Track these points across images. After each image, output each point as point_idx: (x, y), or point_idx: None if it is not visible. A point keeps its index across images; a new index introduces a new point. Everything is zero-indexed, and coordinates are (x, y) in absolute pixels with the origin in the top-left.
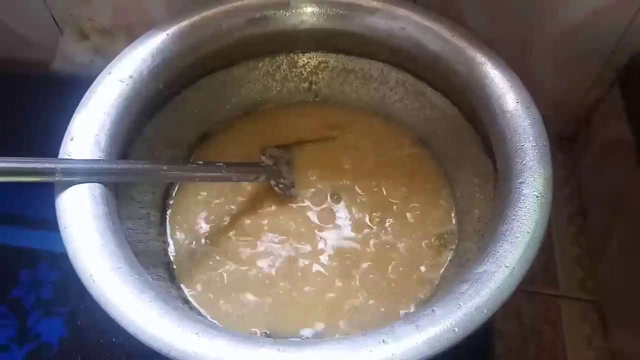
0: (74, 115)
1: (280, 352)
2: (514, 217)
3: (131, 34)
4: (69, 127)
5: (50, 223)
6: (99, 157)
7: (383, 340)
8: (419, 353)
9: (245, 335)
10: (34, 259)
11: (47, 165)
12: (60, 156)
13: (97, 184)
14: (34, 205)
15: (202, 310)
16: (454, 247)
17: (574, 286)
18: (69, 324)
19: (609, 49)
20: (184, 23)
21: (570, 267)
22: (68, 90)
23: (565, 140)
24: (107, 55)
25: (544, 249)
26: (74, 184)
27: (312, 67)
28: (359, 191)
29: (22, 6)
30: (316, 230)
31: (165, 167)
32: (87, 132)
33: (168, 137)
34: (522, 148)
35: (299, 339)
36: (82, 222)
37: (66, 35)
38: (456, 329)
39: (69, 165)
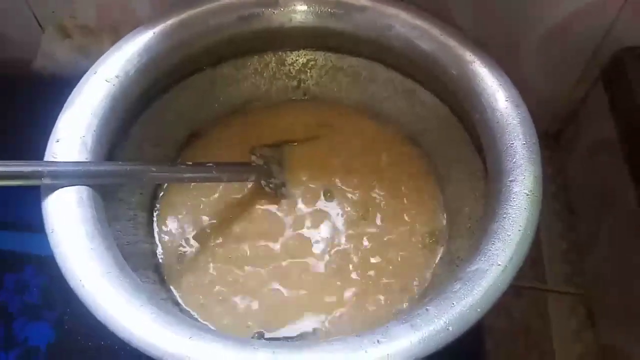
0: (60, 116)
1: (275, 354)
2: (505, 216)
3: (115, 33)
4: (54, 128)
5: (35, 226)
6: (86, 158)
7: (378, 341)
8: (413, 352)
9: (239, 339)
10: (19, 262)
11: (34, 168)
12: (46, 158)
13: (85, 186)
14: (17, 208)
15: (192, 312)
16: (445, 244)
17: (561, 281)
18: (56, 328)
19: (593, 47)
20: (170, 21)
21: (558, 262)
22: (49, 90)
23: (552, 138)
24: (90, 54)
25: (532, 244)
26: (61, 187)
27: (300, 65)
28: (350, 190)
29: (2, 3)
30: (307, 230)
31: (154, 168)
32: (73, 133)
33: (156, 137)
34: (512, 146)
35: (293, 341)
36: (69, 225)
37: (48, 34)
38: (450, 328)
39: (56, 168)
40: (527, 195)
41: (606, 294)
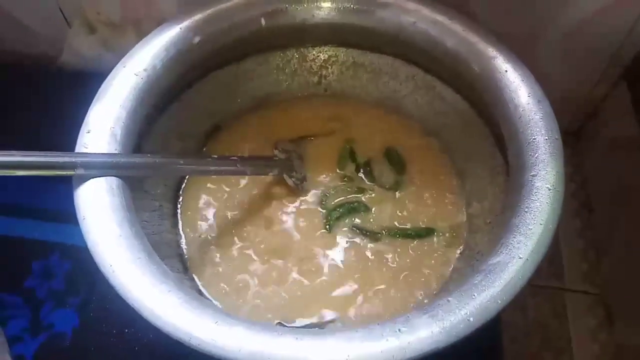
0: (90, 108)
1: (298, 340)
2: (526, 210)
3: (139, 28)
4: (85, 120)
5: (61, 215)
6: (115, 149)
7: (399, 330)
8: (434, 342)
9: (263, 324)
10: (46, 250)
11: (68, 159)
12: (77, 148)
13: (114, 177)
14: (45, 198)
15: (215, 301)
16: (465, 239)
17: (579, 279)
18: (81, 314)
19: (616, 45)
20: (197, 17)
21: (576, 261)
22: (75, 84)
23: (572, 135)
24: (115, 49)
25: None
26: (92, 177)
27: (322, 61)
28: (370, 184)
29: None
30: (328, 222)
31: (181, 161)
32: (104, 124)
33: (181, 129)
34: (534, 141)
35: (315, 328)
36: (100, 213)
37: (74, 29)
38: (471, 319)
39: (89, 159)
40: (549, 189)
41: (624, 293)
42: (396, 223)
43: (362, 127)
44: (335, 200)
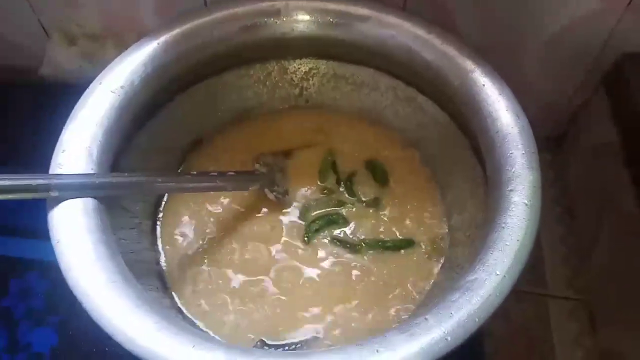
0: (65, 127)
1: None
2: (503, 225)
3: (120, 40)
4: (60, 139)
5: (39, 232)
6: (92, 168)
7: (377, 350)
8: None
9: (241, 348)
10: (23, 268)
11: (41, 181)
12: (51, 169)
13: (90, 198)
14: (22, 214)
15: (195, 320)
16: (445, 251)
17: (562, 285)
18: (60, 333)
19: (595, 52)
20: (175, 32)
21: (559, 267)
22: (55, 96)
23: (553, 141)
24: (95, 61)
25: (532, 251)
26: (67, 199)
27: (302, 73)
28: (351, 196)
29: (8, 11)
30: (309, 237)
31: (159, 179)
32: (79, 143)
33: (160, 145)
34: (511, 156)
35: (294, 349)
36: (75, 236)
37: (54, 41)
38: (449, 338)
39: (63, 181)
40: (526, 205)
41: (607, 298)
42: (376, 235)
43: (344, 138)
44: (315, 213)
